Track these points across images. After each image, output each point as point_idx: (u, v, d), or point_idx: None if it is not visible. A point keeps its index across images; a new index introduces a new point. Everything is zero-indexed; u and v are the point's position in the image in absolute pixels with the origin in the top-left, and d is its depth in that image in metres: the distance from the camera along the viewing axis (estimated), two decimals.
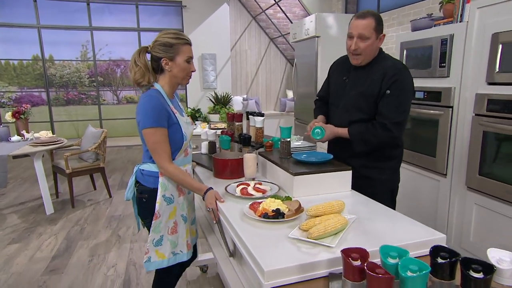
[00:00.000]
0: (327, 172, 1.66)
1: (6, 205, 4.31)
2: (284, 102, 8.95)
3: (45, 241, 3.31)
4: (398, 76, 1.79)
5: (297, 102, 6.14)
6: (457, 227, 2.89)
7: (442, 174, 2.97)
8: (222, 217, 1.52)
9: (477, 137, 2.63)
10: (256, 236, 1.26)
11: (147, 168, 1.72)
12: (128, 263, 2.88)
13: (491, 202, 2.56)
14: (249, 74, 9.18)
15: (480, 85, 2.61)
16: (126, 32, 7.71)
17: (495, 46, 2.47)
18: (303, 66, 5.71)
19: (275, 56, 9.24)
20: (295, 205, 1.38)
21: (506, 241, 2.48)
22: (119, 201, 4.33)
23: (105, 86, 9.64)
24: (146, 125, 1.60)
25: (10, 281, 2.68)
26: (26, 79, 8.38)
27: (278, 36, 8.80)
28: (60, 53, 7.94)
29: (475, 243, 2.73)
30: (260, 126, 2.32)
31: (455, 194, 2.88)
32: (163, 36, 1.66)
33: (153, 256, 1.70)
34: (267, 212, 1.36)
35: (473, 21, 2.65)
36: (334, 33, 5.16)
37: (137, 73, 1.66)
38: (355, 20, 1.86)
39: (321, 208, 1.29)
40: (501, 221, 2.51)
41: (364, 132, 1.81)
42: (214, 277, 2.67)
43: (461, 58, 2.76)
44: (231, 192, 1.63)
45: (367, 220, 1.37)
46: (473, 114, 2.66)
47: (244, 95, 9.05)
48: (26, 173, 5.66)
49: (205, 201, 1.62)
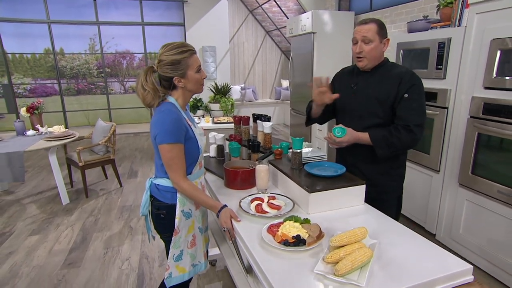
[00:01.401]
0: (342, 188, 1.49)
1: (26, 194, 4.11)
2: (279, 91, 8.71)
3: (63, 233, 3.14)
4: (415, 80, 1.64)
5: (293, 92, 5.91)
6: (447, 219, 2.77)
7: (435, 170, 2.82)
8: (239, 239, 1.34)
9: (471, 138, 2.47)
10: (277, 266, 1.10)
11: (164, 184, 1.51)
12: (141, 256, 2.73)
13: (482, 199, 2.43)
14: (246, 65, 8.88)
15: (477, 89, 2.42)
16: (131, 26, 7.32)
17: (493, 52, 2.27)
18: (299, 59, 5.46)
19: (271, 48, 8.92)
20: (316, 230, 1.21)
21: (494, 236, 2.37)
22: (129, 191, 4.15)
23: (113, 76, 9.26)
24: (164, 141, 1.39)
25: (32, 275, 2.52)
26: (39, 71, 7.99)
27: (273, 29, 8.45)
28: (69, 46, 7.54)
29: (464, 235, 2.62)
30: (268, 131, 2.12)
31: (446, 189, 2.74)
32: (167, 54, 1.40)
33: (174, 272, 1.53)
34: (287, 239, 1.19)
35: (471, 26, 2.44)
36: (330, 29, 4.89)
37: (146, 97, 1.41)
38: (358, 26, 1.68)
39: (345, 238, 1.12)
40: (491, 218, 2.39)
41: (388, 136, 1.62)
42: (223, 270, 2.53)
43: (458, 61, 2.56)
44: (245, 210, 1.45)
45: (389, 245, 1.21)
46: (469, 116, 2.48)
47: (242, 84, 8.77)
48: (42, 161, 5.43)
49: (219, 219, 1.44)
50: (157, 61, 1.43)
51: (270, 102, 8.71)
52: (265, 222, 1.36)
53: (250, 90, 8.58)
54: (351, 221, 1.40)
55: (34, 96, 8.36)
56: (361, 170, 1.77)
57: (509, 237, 2.27)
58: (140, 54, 7.92)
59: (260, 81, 9.10)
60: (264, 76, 9.08)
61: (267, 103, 8.70)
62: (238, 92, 8.38)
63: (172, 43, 1.44)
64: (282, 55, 9.06)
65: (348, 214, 1.47)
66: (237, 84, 8.73)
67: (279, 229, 1.25)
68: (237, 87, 8.41)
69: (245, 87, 8.64)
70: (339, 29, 4.92)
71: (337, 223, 1.39)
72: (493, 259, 2.40)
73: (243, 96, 8.46)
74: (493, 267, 2.41)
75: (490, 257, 2.42)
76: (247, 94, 8.50)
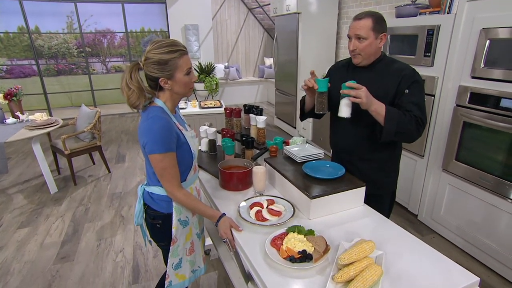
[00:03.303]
0: (343, 192, 1.40)
1: (11, 183, 3.85)
2: (263, 69, 8.45)
3: (53, 224, 2.97)
4: (416, 77, 1.52)
5: (278, 71, 5.70)
6: (429, 202, 2.78)
7: (420, 155, 2.79)
8: (240, 251, 1.25)
9: (457, 126, 2.42)
10: (284, 284, 1.02)
11: (158, 192, 1.36)
12: (135, 248, 2.63)
13: (464, 184, 2.43)
14: (229, 43, 8.51)
15: (464, 78, 2.35)
16: (110, 3, 6.77)
17: (482, 42, 2.18)
18: (284, 38, 5.22)
19: (253, 25, 8.54)
20: (321, 243, 1.13)
21: (473, 218, 2.39)
22: (118, 177, 3.96)
23: (94, 56, 8.66)
24: (154, 151, 1.22)
25: (24, 271, 2.38)
26: (15, 50, 7.34)
27: (256, 7, 8.05)
28: (46, 25, 6.92)
29: (445, 216, 2.64)
30: (262, 126, 1.99)
31: (430, 174, 2.73)
32: (155, 51, 1.20)
33: (174, 280, 1.43)
34: (293, 255, 1.10)
35: (461, 14, 2.32)
36: (314, 10, 4.65)
37: (131, 97, 1.23)
38: (353, 22, 1.53)
39: (354, 255, 1.04)
40: (472, 202, 2.40)
41: (402, 114, 1.45)
42: (217, 260, 2.47)
43: (446, 49, 2.46)
44: (245, 217, 1.35)
45: (395, 256, 1.14)
46: (455, 104, 2.42)
47: (226, 63, 8.45)
48: (26, 147, 5.09)
49: (218, 229, 1.33)
50: (144, 58, 1.24)
51: (254, 81, 8.46)
52: (267, 232, 1.27)
53: (234, 68, 8.28)
54: (353, 227, 1.32)
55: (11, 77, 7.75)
56: (357, 167, 1.69)
57: (487, 220, 2.29)
58: (121, 33, 7.41)
59: (243, 60, 8.78)
60: (247, 55, 8.76)
61: (251, 82, 8.45)
62: (222, 71, 8.07)
63: (162, 40, 1.24)
64: (265, 33, 8.71)
65: (349, 217, 1.39)
66: (220, 62, 8.39)
67: (283, 243, 1.16)
68: (220, 65, 8.09)
69: (228, 66, 8.32)
70: (323, 10, 4.69)
71: (340, 230, 1.31)
72: (470, 238, 2.44)
73: (227, 75, 8.16)
74: (470, 245, 2.45)
75: (467, 236, 2.46)
76: (231, 73, 8.21)
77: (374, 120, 1.57)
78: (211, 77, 7.13)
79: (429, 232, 2.77)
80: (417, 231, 2.79)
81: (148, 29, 7.58)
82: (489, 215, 2.28)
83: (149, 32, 7.88)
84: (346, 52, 4.90)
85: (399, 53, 2.85)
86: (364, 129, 1.63)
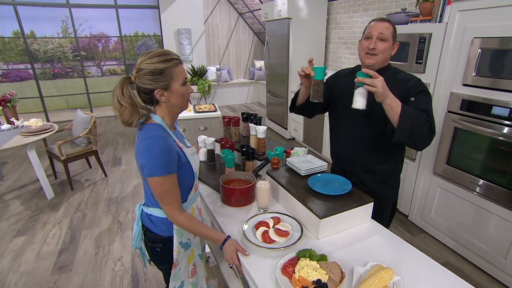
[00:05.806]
0: (352, 209, 1.26)
1: (8, 189, 3.58)
2: (253, 72, 8.27)
3: (50, 232, 2.76)
4: (423, 87, 1.37)
5: (269, 74, 5.53)
6: (420, 203, 2.69)
7: (411, 158, 2.70)
8: (248, 278, 1.10)
9: (448, 132, 2.32)
10: None
11: (157, 214, 1.20)
12: (133, 255, 2.45)
13: (455, 188, 2.34)
14: (221, 46, 8.28)
15: (455, 85, 2.24)
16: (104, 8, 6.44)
17: (474, 51, 2.07)
18: (275, 43, 5.05)
19: (244, 29, 8.33)
20: (336, 271, 0.99)
21: (463, 220, 2.31)
22: (115, 181, 3.74)
23: (89, 60, 8.28)
24: (154, 174, 1.05)
25: (21, 283, 2.17)
26: (11, 54, 6.92)
27: (246, 12, 7.83)
28: (41, 29, 6.52)
29: (435, 218, 2.56)
30: (262, 136, 1.83)
31: (421, 176, 2.64)
32: (148, 61, 1.04)
33: None
34: (307, 285, 0.96)
35: (453, 23, 2.20)
36: (305, 15, 4.49)
37: (123, 114, 1.05)
38: (375, 23, 1.38)
39: (373, 286, 0.91)
40: (461, 205, 2.31)
41: (418, 115, 1.25)
42: (216, 266, 2.32)
43: (438, 57, 2.35)
44: (251, 240, 1.20)
45: (412, 280, 1.01)
46: (446, 111, 2.32)
47: (217, 65, 8.22)
48: (22, 151, 4.78)
49: (223, 253, 1.18)
50: (136, 71, 1.07)
51: (245, 82, 8.28)
52: (275, 256, 1.13)
53: (225, 71, 8.07)
54: (364, 247, 1.19)
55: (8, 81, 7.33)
56: (360, 179, 1.56)
57: (477, 222, 2.21)
58: (116, 37, 7.08)
59: (234, 62, 8.57)
60: (238, 57, 8.55)
61: (242, 83, 8.26)
62: (214, 73, 7.85)
63: (153, 50, 1.06)
64: (255, 37, 8.51)
65: (357, 235, 1.26)
66: (212, 65, 8.17)
67: (295, 270, 1.02)
68: (212, 68, 7.86)
69: (220, 68, 8.11)
70: (313, 15, 4.54)
71: (351, 251, 1.17)
72: (460, 239, 2.36)
73: (219, 77, 7.95)
74: (459, 245, 2.38)
75: (457, 237, 2.38)
76: (222, 75, 8.00)
77: (379, 129, 1.43)
78: (204, 80, 6.90)
79: (420, 232, 2.68)
80: (408, 231, 2.70)
81: (142, 33, 7.27)
82: (478, 217, 2.20)
83: (143, 36, 7.57)
84: (335, 56, 4.78)
85: (391, 59, 2.73)
86: (367, 141, 1.49)
